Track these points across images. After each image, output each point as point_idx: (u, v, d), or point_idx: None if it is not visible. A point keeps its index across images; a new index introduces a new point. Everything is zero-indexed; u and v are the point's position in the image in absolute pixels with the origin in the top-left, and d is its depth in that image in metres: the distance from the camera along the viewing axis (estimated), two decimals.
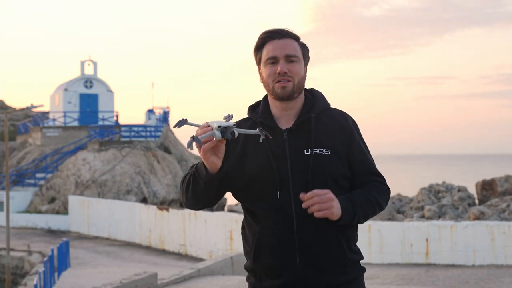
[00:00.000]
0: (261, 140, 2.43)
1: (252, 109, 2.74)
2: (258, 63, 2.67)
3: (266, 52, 2.62)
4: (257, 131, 2.41)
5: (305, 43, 2.69)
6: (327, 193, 2.42)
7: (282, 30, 2.64)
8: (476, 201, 24.84)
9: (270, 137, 2.43)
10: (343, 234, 2.57)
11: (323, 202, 2.40)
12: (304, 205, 2.42)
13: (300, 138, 2.58)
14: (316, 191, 2.41)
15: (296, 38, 2.65)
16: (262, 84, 2.67)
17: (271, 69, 2.59)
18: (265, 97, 2.72)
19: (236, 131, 2.33)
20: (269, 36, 2.63)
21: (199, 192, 2.52)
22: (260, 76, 2.67)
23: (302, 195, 2.42)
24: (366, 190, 2.59)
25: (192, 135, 2.35)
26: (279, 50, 2.59)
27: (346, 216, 2.48)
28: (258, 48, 2.66)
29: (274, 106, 2.66)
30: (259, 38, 2.65)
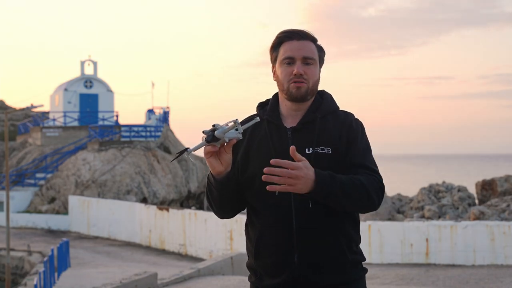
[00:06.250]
0: (257, 120, 2.42)
1: (261, 106, 2.73)
2: (274, 61, 2.65)
3: (283, 52, 2.60)
4: (252, 121, 2.43)
5: (322, 45, 2.67)
6: (297, 168, 2.32)
7: (301, 31, 2.63)
8: (476, 201, 24.78)
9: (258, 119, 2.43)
10: (344, 234, 2.56)
11: (287, 177, 2.31)
12: (263, 178, 2.33)
13: (303, 137, 2.57)
14: (284, 162, 2.32)
15: (313, 40, 2.63)
16: (275, 82, 2.66)
17: (287, 70, 2.58)
18: (275, 95, 2.71)
19: (217, 134, 2.34)
20: (287, 36, 2.61)
21: (217, 199, 2.56)
22: (274, 74, 2.66)
23: (273, 161, 2.32)
24: (352, 176, 2.49)
25: (186, 148, 2.45)
26: (297, 51, 2.58)
27: (319, 188, 2.37)
28: (275, 47, 2.64)
29: (284, 105, 2.65)
30: (277, 37, 2.64)
